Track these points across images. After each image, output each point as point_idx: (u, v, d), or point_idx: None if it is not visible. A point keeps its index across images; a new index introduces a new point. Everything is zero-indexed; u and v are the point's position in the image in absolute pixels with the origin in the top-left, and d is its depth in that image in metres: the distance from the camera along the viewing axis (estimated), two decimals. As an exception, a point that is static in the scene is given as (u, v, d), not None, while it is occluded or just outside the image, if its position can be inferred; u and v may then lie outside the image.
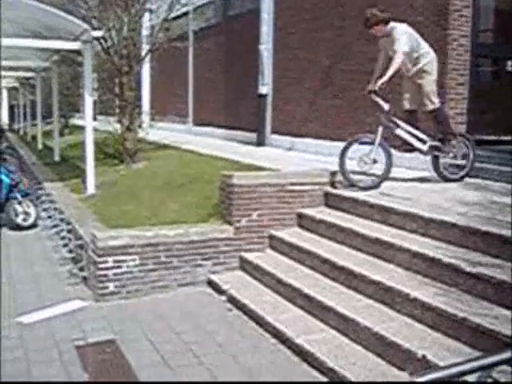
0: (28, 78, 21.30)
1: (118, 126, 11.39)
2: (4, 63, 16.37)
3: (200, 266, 6.14)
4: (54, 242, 7.93)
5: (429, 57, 6.82)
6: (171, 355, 4.52)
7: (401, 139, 6.86)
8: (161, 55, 12.34)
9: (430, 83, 6.81)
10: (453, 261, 4.48)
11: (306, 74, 10.47)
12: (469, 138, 7.17)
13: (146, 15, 12.75)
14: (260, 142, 11.58)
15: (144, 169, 10.39)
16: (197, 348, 4.64)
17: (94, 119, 19.21)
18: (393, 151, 6.72)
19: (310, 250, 5.68)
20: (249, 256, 6.22)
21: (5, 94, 35.36)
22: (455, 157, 7.05)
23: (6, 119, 35.42)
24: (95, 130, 11.63)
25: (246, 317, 5.24)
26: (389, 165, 6.61)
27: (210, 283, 6.09)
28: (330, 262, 5.31)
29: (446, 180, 7.04)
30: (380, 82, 6.56)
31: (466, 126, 7.97)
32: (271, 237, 6.39)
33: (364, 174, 6.60)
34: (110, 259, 5.77)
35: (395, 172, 6.87)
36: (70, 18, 8.95)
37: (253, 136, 11.98)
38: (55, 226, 8.44)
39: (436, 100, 6.86)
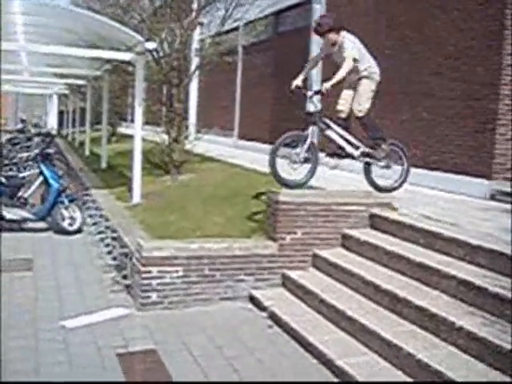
0: (79, 86, 21.79)
1: (165, 136, 11.53)
2: (56, 71, 16.90)
3: (242, 281, 6.15)
4: (98, 249, 8.06)
5: (372, 68, 6.89)
6: (211, 369, 4.53)
7: (332, 142, 6.87)
8: (210, 69, 12.48)
9: (367, 90, 6.86)
10: (500, 290, 4.40)
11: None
12: (402, 146, 7.10)
13: (197, 29, 12.91)
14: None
15: (189, 180, 10.49)
16: (237, 363, 4.64)
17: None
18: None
19: (354, 271, 5.63)
20: (292, 274, 6.20)
21: (55, 100, 36.24)
22: (388, 166, 6.99)
23: (55, 125, 36.26)
24: (142, 139, 11.82)
25: (287, 335, 5.23)
26: (314, 167, 6.71)
27: (252, 299, 6.09)
28: (374, 285, 5.26)
29: (379, 189, 6.99)
30: (329, 84, 6.59)
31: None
32: (315, 256, 6.36)
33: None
34: (154, 269, 5.83)
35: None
36: (126, 29, 9.16)
37: (298, 153, 11.97)
38: (100, 233, 8.58)
39: (366, 106, 6.86)
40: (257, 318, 5.69)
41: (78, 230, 9.08)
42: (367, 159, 6.95)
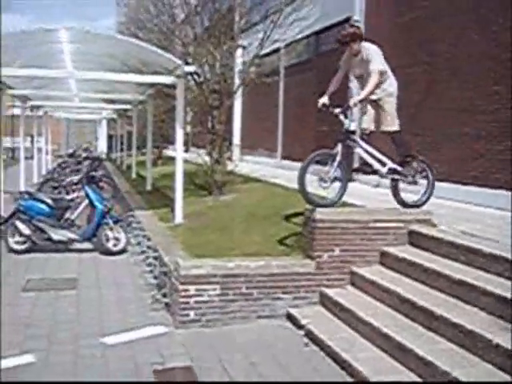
0: (125, 110, 22.34)
1: (207, 158, 11.70)
2: (104, 96, 17.39)
3: (280, 299, 6.16)
4: (141, 268, 8.19)
5: (390, 79, 6.79)
6: (245, 386, 4.57)
7: (360, 159, 6.79)
8: (253, 90, 12.63)
9: (392, 105, 6.78)
10: (539, 307, 4.30)
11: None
12: (428, 162, 7.00)
13: (239, 51, 13.12)
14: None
15: (231, 200, 10.59)
16: (271, 380, 4.66)
17: (187, 151, 19.90)
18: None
19: (391, 288, 5.58)
20: (329, 292, 6.18)
21: (104, 125, 37.21)
22: (415, 182, 6.87)
23: (104, 149, 37.17)
24: (187, 161, 12.03)
25: (323, 353, 5.21)
26: (344, 186, 6.56)
27: (289, 317, 6.09)
28: (411, 302, 5.20)
29: (405, 205, 6.86)
30: (357, 98, 6.54)
31: None
32: (353, 273, 6.32)
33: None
34: (192, 287, 5.90)
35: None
36: (165, 54, 9.41)
37: (340, 171, 11.95)
38: (143, 253, 8.73)
39: (397, 122, 6.80)
40: (293, 336, 5.69)
41: (123, 251, 9.26)
42: (394, 176, 6.87)
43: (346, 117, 6.62)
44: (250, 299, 6.06)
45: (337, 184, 6.58)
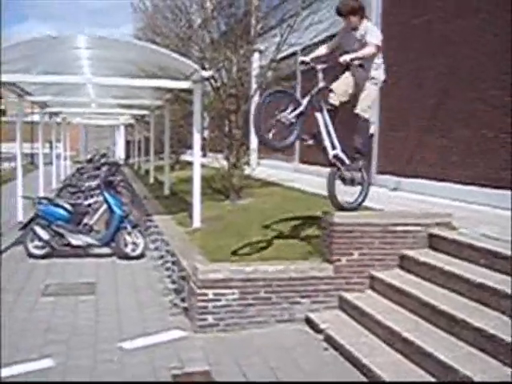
0: (143, 116, 22.45)
1: (224, 162, 11.71)
2: (121, 102, 17.49)
3: (298, 303, 6.12)
4: (159, 273, 8.20)
5: (382, 70, 6.60)
6: (264, 391, 4.54)
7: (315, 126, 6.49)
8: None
9: (372, 93, 6.62)
10: None
11: (412, 113, 10.33)
12: (365, 167, 6.86)
13: (256, 55, 13.11)
14: (365, 182, 11.48)
15: (249, 204, 10.58)
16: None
17: (204, 156, 19.94)
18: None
19: (411, 292, 5.52)
20: (348, 296, 6.14)
21: (122, 130, 37.44)
22: (352, 180, 6.68)
23: (122, 154, 37.40)
24: (205, 166, 12.03)
25: (342, 357, 5.17)
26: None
27: (308, 321, 6.05)
28: (431, 306, 5.14)
29: (336, 203, 6.57)
30: (349, 56, 6.13)
31: None
32: (372, 277, 6.27)
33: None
34: (210, 292, 5.89)
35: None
36: (182, 59, 9.43)
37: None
38: (161, 257, 8.75)
39: (369, 111, 6.66)
40: (312, 340, 5.65)
41: (141, 255, 9.28)
42: (337, 163, 6.55)
43: (324, 77, 6.30)
44: (268, 303, 6.03)
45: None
